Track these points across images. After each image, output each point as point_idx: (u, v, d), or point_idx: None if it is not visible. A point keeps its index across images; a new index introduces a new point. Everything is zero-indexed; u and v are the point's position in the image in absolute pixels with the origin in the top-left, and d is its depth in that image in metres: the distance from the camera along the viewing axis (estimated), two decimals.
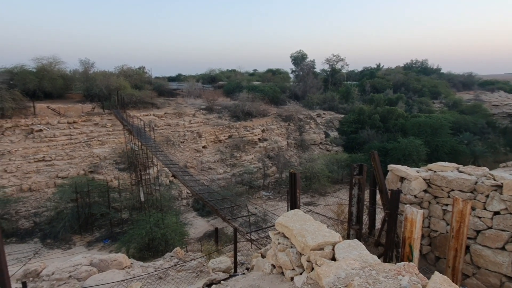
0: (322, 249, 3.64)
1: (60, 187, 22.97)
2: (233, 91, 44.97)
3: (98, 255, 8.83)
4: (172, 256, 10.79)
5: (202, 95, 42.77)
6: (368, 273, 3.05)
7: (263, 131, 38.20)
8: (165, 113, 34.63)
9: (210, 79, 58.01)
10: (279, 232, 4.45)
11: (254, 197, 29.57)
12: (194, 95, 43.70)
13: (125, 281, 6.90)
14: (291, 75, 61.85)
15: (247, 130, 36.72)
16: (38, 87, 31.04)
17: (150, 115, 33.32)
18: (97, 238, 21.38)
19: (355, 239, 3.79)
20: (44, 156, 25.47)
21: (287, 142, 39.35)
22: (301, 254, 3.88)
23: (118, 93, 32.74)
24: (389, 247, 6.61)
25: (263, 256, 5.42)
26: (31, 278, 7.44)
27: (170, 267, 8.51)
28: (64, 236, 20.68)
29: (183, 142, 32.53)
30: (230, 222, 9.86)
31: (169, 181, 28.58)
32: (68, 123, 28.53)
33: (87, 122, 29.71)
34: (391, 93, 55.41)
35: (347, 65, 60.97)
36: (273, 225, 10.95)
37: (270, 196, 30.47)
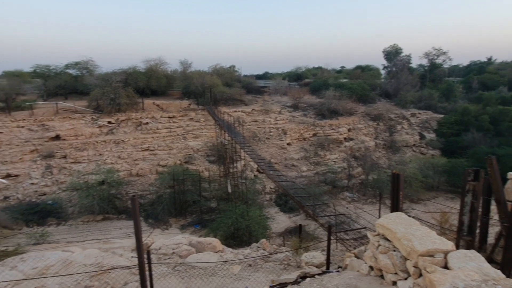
0: (432, 256, 3.38)
1: (161, 174, 25.80)
2: (319, 89, 44.24)
3: (196, 237, 9.75)
4: (258, 247, 11.24)
5: (288, 93, 43.17)
6: (492, 287, 2.73)
7: (349, 130, 36.78)
8: (252, 110, 35.99)
9: (296, 77, 58.11)
10: (379, 234, 4.28)
11: (337, 197, 28.73)
12: (280, 92, 44.37)
13: (220, 263, 7.50)
14: (383, 72, 58.01)
15: (333, 129, 35.80)
16: (147, 85, 35.48)
17: (239, 111, 35.00)
18: (189, 222, 23.35)
19: (472, 250, 3.42)
20: (149, 146, 29.00)
21: (375, 142, 37.13)
22: (406, 259, 3.67)
23: (211, 90, 35.31)
24: (505, 265, 5.76)
25: (357, 257, 5.29)
26: None
27: (258, 257, 8.88)
28: (163, 218, 23.17)
29: (269, 138, 33.38)
30: (318, 220, 9.81)
31: (254, 175, 29.68)
32: (168, 117, 31.88)
33: (184, 117, 32.73)
34: (506, 90, 47.60)
35: (450, 59, 54.39)
36: (362, 228, 10.52)
37: (355, 198, 29.23)
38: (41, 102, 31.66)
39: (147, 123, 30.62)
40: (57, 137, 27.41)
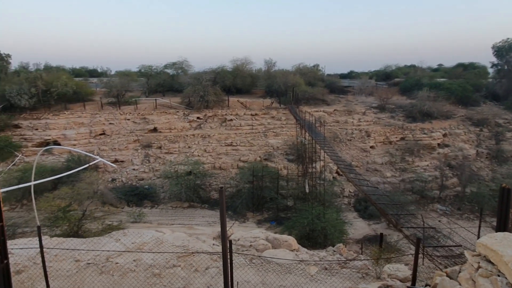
0: None
1: (241, 169, 26.96)
2: (411, 89, 40.71)
3: (272, 233, 9.97)
4: (334, 251, 10.94)
5: (374, 93, 40.78)
6: None
7: (444, 135, 33.04)
8: (334, 110, 35.03)
9: (385, 76, 54.42)
10: (479, 255, 3.78)
11: (426, 209, 26.15)
12: (366, 92, 42.17)
13: (296, 261, 7.55)
14: (490, 70, 50.37)
15: (424, 133, 32.62)
16: (232, 84, 37.45)
17: (320, 111, 34.40)
18: (266, 218, 23.87)
19: None
20: (232, 142, 30.55)
21: (477, 151, 32.63)
22: None
23: (293, 89, 35.46)
24: None
25: (449, 277, 4.75)
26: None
27: (334, 261, 8.66)
28: (241, 211, 24.16)
29: (350, 140, 32.09)
30: (403, 231, 9.09)
31: (333, 177, 28.89)
32: (251, 115, 33.08)
33: (266, 115, 33.56)
34: None
35: None
36: (456, 245, 9.40)
37: (447, 211, 26.21)
38: (144, 98, 35.96)
39: (231, 120, 32.27)
40: (155, 130, 30.82)
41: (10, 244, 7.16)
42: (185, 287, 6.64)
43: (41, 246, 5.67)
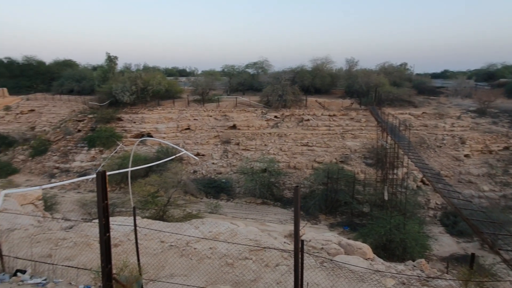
0: None
1: (316, 170, 26.52)
2: None
3: (345, 239, 9.63)
4: (414, 266, 10.08)
5: (472, 95, 36.21)
6: None
7: None
8: (423, 112, 32.09)
9: (487, 75, 47.77)
10: None
11: None
12: (462, 94, 37.67)
13: (371, 271, 7.17)
14: None
15: None
16: (311, 84, 37.07)
17: (406, 113, 31.89)
18: (339, 222, 23.12)
19: None
20: (307, 142, 30.27)
21: None
22: None
23: (376, 90, 33.50)
24: None
25: None
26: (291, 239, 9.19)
27: (414, 276, 7.99)
28: (313, 212, 23.83)
29: (440, 146, 29.03)
30: (501, 254, 7.89)
31: (417, 186, 26.55)
32: (329, 115, 32.32)
33: (344, 116, 32.41)
34: None
35: None
36: None
37: None
38: (225, 96, 37.95)
39: (308, 120, 31.98)
40: (234, 127, 32.29)
41: (111, 220, 8.30)
42: (255, 279, 6.85)
43: (135, 225, 6.43)
